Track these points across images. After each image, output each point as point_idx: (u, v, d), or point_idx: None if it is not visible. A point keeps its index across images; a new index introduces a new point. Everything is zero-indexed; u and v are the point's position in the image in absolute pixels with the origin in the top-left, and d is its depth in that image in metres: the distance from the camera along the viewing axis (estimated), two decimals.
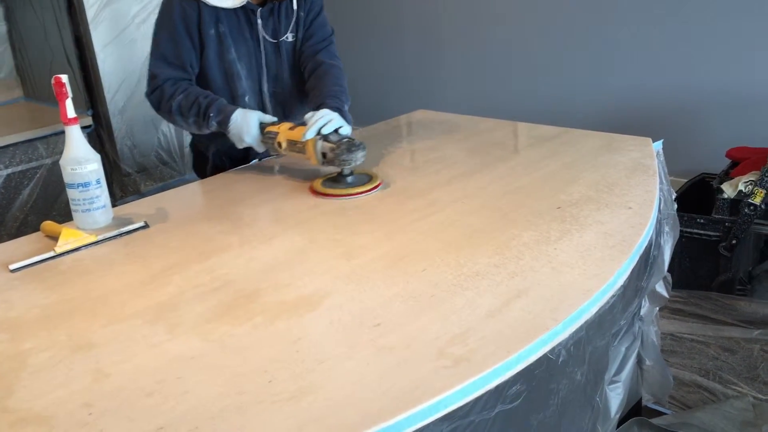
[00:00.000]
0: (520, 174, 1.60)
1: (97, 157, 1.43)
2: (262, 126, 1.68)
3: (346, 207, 1.49)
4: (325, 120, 1.59)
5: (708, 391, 2.00)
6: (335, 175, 1.60)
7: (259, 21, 1.80)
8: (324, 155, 1.57)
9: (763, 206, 2.38)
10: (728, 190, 2.50)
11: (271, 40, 1.83)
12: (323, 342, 0.97)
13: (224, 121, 1.69)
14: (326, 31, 1.91)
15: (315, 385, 0.87)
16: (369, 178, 1.60)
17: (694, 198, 2.74)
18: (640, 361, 1.66)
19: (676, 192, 1.77)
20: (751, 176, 2.50)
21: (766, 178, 2.37)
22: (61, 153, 1.42)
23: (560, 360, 1.03)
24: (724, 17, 2.98)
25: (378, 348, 0.94)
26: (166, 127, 2.81)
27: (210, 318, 1.06)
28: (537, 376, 0.99)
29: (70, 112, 1.39)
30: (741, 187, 2.48)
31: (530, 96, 3.75)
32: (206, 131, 1.75)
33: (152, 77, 1.77)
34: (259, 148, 1.71)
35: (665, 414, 1.92)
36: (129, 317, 1.08)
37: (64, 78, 1.38)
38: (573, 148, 1.76)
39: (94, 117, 2.70)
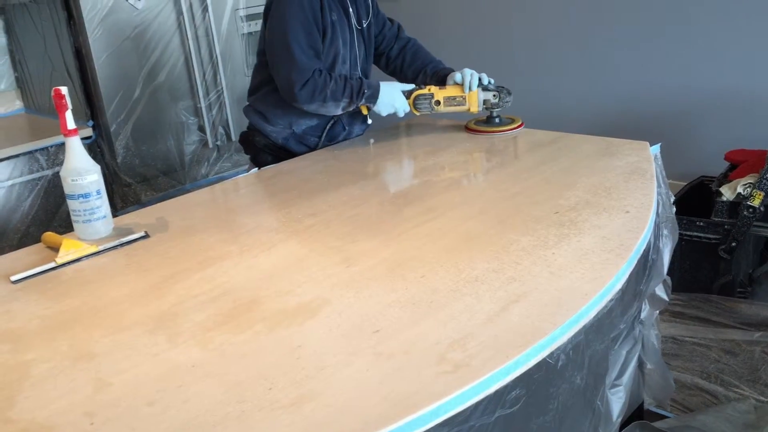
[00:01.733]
0: (518, 179, 1.61)
1: (97, 167, 1.44)
2: (405, 93, 1.97)
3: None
4: (477, 76, 1.98)
5: (710, 394, 2.00)
6: (484, 119, 2.04)
7: (351, 9, 1.98)
8: (485, 102, 1.99)
9: (762, 209, 2.38)
10: (727, 192, 2.50)
11: (357, 27, 2.03)
12: (323, 349, 0.98)
13: (374, 95, 1.93)
14: (387, 17, 2.18)
15: (315, 391, 0.88)
16: (511, 120, 2.04)
17: (693, 201, 2.74)
18: (641, 364, 1.66)
19: (675, 195, 1.78)
20: (750, 179, 2.50)
21: (764, 181, 2.38)
22: (61, 164, 1.43)
23: (559, 364, 1.03)
24: (722, 20, 2.99)
25: (377, 354, 0.95)
26: (166, 138, 2.82)
27: (210, 326, 1.06)
28: (536, 381, 1.00)
29: (70, 123, 1.40)
30: (740, 189, 2.48)
31: (527, 101, 3.75)
32: (351, 108, 1.94)
33: (301, 71, 1.84)
34: (403, 113, 1.98)
35: (667, 417, 1.92)
36: (130, 327, 1.08)
37: (64, 90, 1.38)
38: (570, 153, 1.77)
39: (95, 128, 2.71)
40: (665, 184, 1.66)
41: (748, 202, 2.39)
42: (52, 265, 1.32)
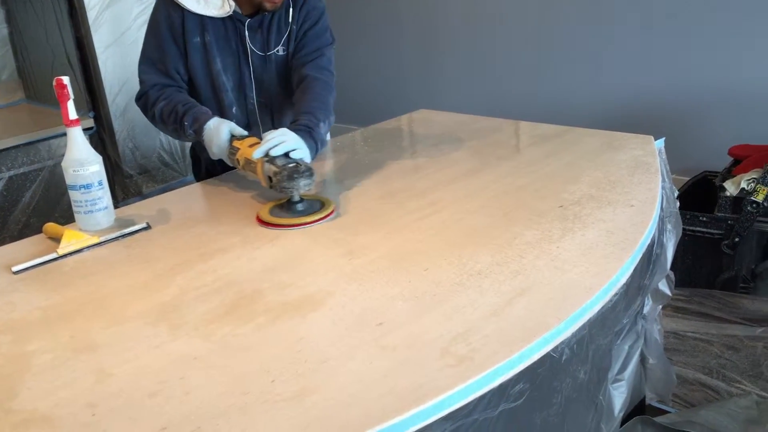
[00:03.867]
0: (521, 173, 1.60)
1: (99, 158, 1.43)
2: (233, 138, 1.59)
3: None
4: (276, 141, 1.46)
5: (712, 389, 2.00)
6: (285, 200, 1.46)
7: (247, 33, 1.74)
8: (270, 179, 1.44)
9: (765, 204, 2.38)
10: (731, 187, 2.50)
11: (258, 53, 1.77)
12: (326, 342, 0.97)
13: (199, 131, 1.62)
14: (322, 41, 1.80)
15: (318, 384, 0.87)
16: (321, 205, 1.45)
17: (697, 196, 2.73)
18: (643, 359, 1.66)
19: (678, 190, 1.77)
20: (754, 174, 2.49)
21: None
22: (62, 155, 1.42)
23: (563, 359, 1.03)
24: (726, 14, 2.98)
25: (380, 347, 0.94)
26: None
27: (212, 318, 1.06)
28: (540, 375, 0.99)
29: (72, 113, 1.39)
30: (743, 184, 2.47)
31: (531, 95, 3.75)
32: (186, 140, 1.71)
33: (140, 82, 1.76)
34: (228, 161, 1.60)
35: (669, 412, 1.91)
36: (131, 318, 1.08)
37: (66, 80, 1.38)
38: (574, 147, 1.76)
39: (96, 119, 2.70)
40: (669, 178, 1.66)
41: (752, 198, 2.39)
42: (53, 256, 1.31)
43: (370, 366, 0.90)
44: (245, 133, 1.61)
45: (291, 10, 1.77)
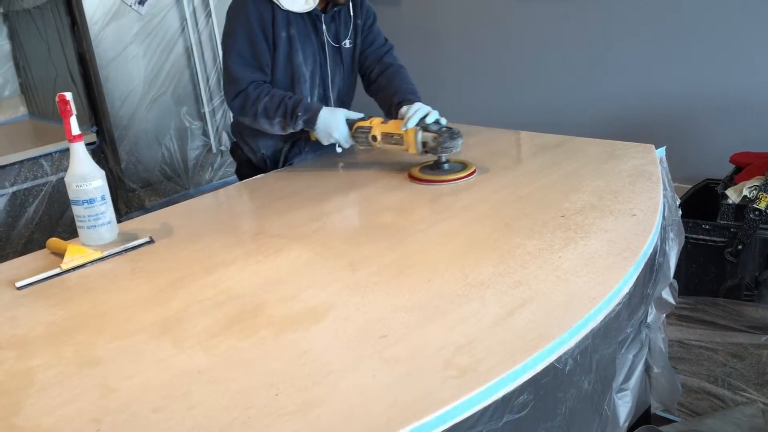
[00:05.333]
0: (523, 183, 1.60)
1: (102, 173, 1.44)
2: (349, 122, 1.76)
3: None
4: (423, 112, 1.69)
5: (717, 398, 1.99)
6: (431, 162, 1.71)
7: (324, 26, 1.86)
8: (424, 144, 1.66)
9: (767, 211, 2.37)
10: (733, 195, 2.49)
11: (333, 44, 1.90)
12: (329, 354, 0.97)
13: (312, 119, 1.75)
14: (383, 38, 2.02)
15: (321, 397, 0.87)
16: (463, 165, 1.69)
17: (699, 204, 2.73)
18: (647, 368, 1.65)
19: (680, 198, 1.77)
20: (756, 181, 2.49)
21: None
22: (65, 170, 1.43)
23: (567, 369, 1.02)
24: (726, 22, 2.99)
25: (384, 359, 0.94)
26: (170, 143, 2.83)
27: (215, 332, 1.06)
28: (544, 386, 0.99)
29: (75, 129, 1.40)
30: (746, 192, 2.47)
31: (532, 104, 3.75)
32: (289, 131, 1.80)
33: (234, 81, 1.79)
34: (346, 144, 1.78)
35: (674, 421, 1.90)
36: (135, 332, 1.08)
37: (68, 95, 1.39)
38: (576, 156, 1.77)
39: (99, 133, 2.71)
40: (671, 187, 1.66)
41: (754, 205, 2.38)
42: (56, 271, 1.32)
43: (373, 378, 0.90)
44: (360, 115, 1.79)
45: (351, 5, 1.91)
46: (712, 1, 3.00)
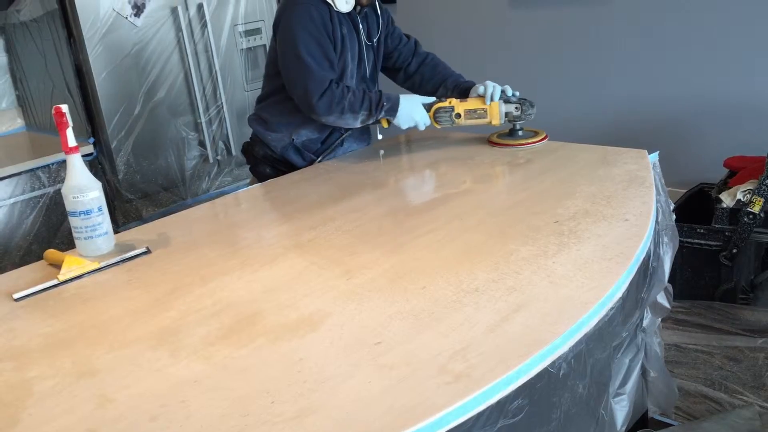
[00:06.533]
0: (517, 189, 1.62)
1: (98, 184, 1.45)
2: (426, 106, 1.96)
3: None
4: (500, 87, 1.96)
5: (714, 401, 1.99)
6: (506, 131, 2.00)
7: (360, 25, 2.00)
8: (507, 114, 1.95)
9: (762, 215, 2.39)
10: (727, 199, 2.51)
11: (367, 42, 2.04)
12: (325, 362, 0.98)
13: (394, 107, 1.90)
14: (404, 34, 2.20)
15: (317, 404, 0.88)
16: (534, 133, 1.99)
17: (693, 208, 2.74)
18: (644, 372, 1.66)
19: (674, 203, 1.78)
20: (750, 185, 2.51)
21: (764, 187, 2.38)
22: (63, 181, 1.44)
23: (561, 373, 1.03)
24: (720, 27, 3.01)
25: (379, 366, 0.95)
26: (167, 153, 2.84)
27: (212, 341, 1.06)
28: (538, 390, 1.00)
29: (71, 141, 1.41)
30: (740, 196, 2.49)
31: None
32: (369, 122, 1.94)
33: (315, 82, 1.84)
34: (423, 126, 1.96)
35: (672, 425, 1.91)
36: (132, 342, 1.08)
37: (65, 108, 1.40)
38: (569, 162, 1.78)
39: (95, 144, 2.72)
40: (664, 191, 1.67)
41: (748, 209, 2.40)
42: (54, 282, 1.32)
43: (368, 385, 0.91)
44: (432, 99, 2.00)
45: (378, 6, 2.07)
46: (706, 7, 3.02)
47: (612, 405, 1.36)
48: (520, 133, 1.98)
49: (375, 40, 2.07)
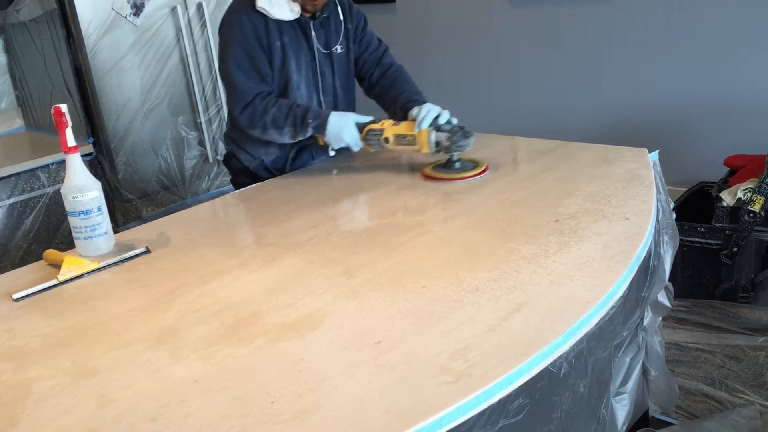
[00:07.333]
0: (517, 188, 1.61)
1: (98, 184, 1.44)
2: (359, 126, 1.79)
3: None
4: (435, 112, 1.73)
5: (715, 400, 1.99)
6: (443, 162, 1.77)
7: (313, 33, 1.87)
8: (437, 144, 1.72)
9: (762, 213, 2.38)
10: (727, 198, 2.51)
11: (323, 51, 1.91)
12: (325, 361, 0.97)
13: (322, 125, 1.78)
14: (377, 40, 2.05)
15: (317, 405, 0.88)
16: (474, 164, 1.75)
17: (694, 207, 2.74)
18: (645, 371, 1.66)
19: (675, 201, 1.78)
20: (750, 183, 2.50)
21: (764, 185, 2.38)
22: (62, 181, 1.43)
23: (562, 372, 1.03)
24: (720, 26, 3.01)
25: (379, 366, 0.95)
26: (167, 153, 2.83)
27: (212, 341, 1.06)
28: (539, 390, 1.00)
29: (70, 141, 1.40)
30: (740, 194, 2.48)
31: (526, 110, 3.77)
32: (299, 138, 1.83)
33: (240, 95, 1.80)
34: (356, 147, 1.81)
35: (672, 424, 1.91)
36: (132, 342, 1.08)
37: (64, 107, 1.39)
38: (569, 161, 1.78)
39: (95, 144, 2.72)
40: (665, 190, 1.67)
41: (749, 207, 2.39)
42: (53, 282, 1.32)
43: (368, 385, 0.91)
44: (369, 118, 1.82)
45: (340, 10, 1.93)
46: (706, 6, 3.02)
47: (613, 404, 1.36)
48: (457, 165, 1.74)
49: (337, 49, 1.94)
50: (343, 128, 1.78)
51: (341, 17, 1.93)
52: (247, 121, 1.82)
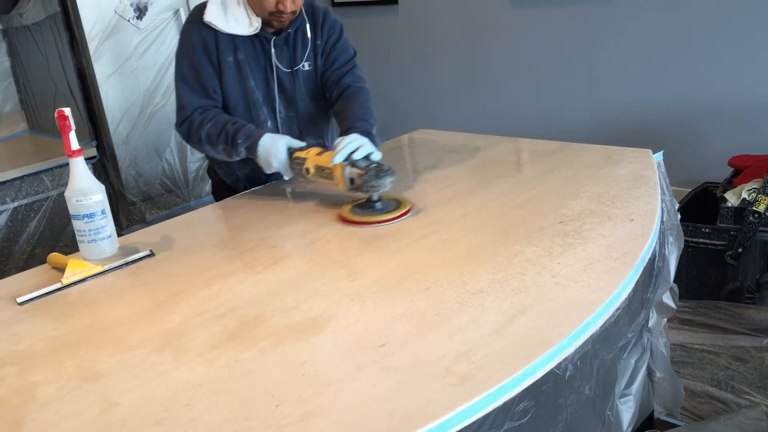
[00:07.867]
0: (521, 190, 1.61)
1: (102, 187, 1.44)
2: (291, 151, 1.65)
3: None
4: (354, 145, 1.55)
5: (720, 402, 1.98)
6: (364, 201, 1.56)
7: (273, 50, 1.80)
8: (352, 181, 1.53)
9: (767, 214, 2.38)
10: (732, 198, 2.50)
11: (284, 69, 1.82)
12: (329, 364, 0.97)
13: (252, 147, 1.67)
14: (349, 53, 1.89)
15: (322, 408, 0.87)
16: (398, 204, 1.54)
17: (699, 207, 2.73)
18: (650, 373, 1.65)
19: (679, 202, 1.78)
20: (754, 184, 2.50)
21: None
22: (66, 185, 1.44)
23: (567, 375, 1.03)
24: (724, 26, 3.00)
25: (383, 368, 0.94)
26: (170, 156, 2.84)
27: (216, 344, 1.06)
28: (544, 392, 0.99)
29: (74, 144, 1.40)
30: (744, 195, 2.48)
31: (529, 111, 3.76)
32: (236, 158, 1.74)
33: (180, 108, 1.78)
34: (287, 174, 1.68)
35: (678, 426, 1.90)
36: (136, 346, 1.08)
37: (67, 111, 1.39)
38: (573, 162, 1.77)
39: (99, 147, 2.72)
40: (669, 191, 1.66)
41: (754, 208, 2.39)
42: (57, 285, 1.32)
43: (373, 388, 0.91)
44: (302, 144, 1.68)
45: (309, 26, 1.83)
46: (710, 6, 3.01)
47: (618, 406, 1.35)
48: (378, 205, 1.53)
49: (304, 66, 1.84)
50: (271, 153, 1.64)
51: (309, 35, 1.83)
52: (185, 135, 1.78)
